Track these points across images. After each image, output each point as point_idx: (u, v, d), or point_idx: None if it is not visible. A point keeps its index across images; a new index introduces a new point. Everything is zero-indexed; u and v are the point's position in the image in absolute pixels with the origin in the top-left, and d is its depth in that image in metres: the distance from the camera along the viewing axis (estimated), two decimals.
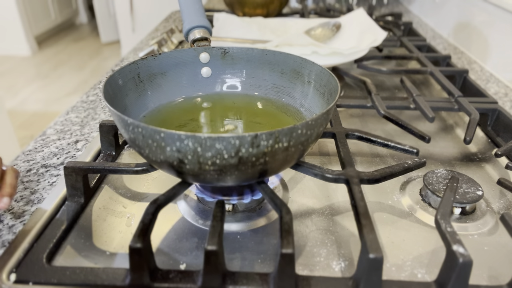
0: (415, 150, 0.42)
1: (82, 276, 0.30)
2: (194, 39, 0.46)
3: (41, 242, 0.34)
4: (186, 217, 0.38)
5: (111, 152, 0.47)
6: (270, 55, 0.45)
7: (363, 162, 0.48)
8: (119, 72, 0.39)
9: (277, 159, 0.30)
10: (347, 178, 0.36)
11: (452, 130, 0.56)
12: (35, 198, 0.40)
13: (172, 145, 0.28)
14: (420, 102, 0.53)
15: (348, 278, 0.30)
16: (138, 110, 0.41)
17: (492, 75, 0.74)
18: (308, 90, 0.42)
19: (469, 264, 0.27)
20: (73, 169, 0.37)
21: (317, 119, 0.31)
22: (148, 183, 0.43)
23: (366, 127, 0.56)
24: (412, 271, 0.33)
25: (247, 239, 0.35)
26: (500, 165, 0.48)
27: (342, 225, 0.37)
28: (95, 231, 0.36)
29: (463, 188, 0.39)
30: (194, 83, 0.46)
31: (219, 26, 0.78)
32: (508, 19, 0.73)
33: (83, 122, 0.55)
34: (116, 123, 0.32)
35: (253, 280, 0.30)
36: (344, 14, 0.91)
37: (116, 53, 3.33)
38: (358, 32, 0.74)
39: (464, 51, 0.87)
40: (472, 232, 0.37)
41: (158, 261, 0.32)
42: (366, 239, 0.29)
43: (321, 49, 0.65)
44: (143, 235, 0.29)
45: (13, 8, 3.01)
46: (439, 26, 1.04)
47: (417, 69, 0.68)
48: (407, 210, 0.40)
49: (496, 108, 0.54)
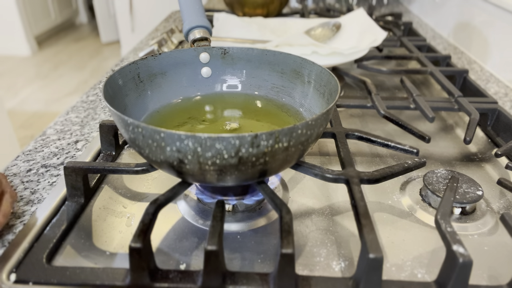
0: (415, 150, 0.42)
1: (82, 276, 0.30)
2: (194, 39, 0.46)
3: (41, 242, 0.34)
4: (186, 217, 0.38)
5: (111, 152, 0.47)
6: (270, 55, 0.45)
7: (363, 162, 0.48)
8: (119, 72, 0.39)
9: (277, 159, 0.30)
10: (347, 178, 0.36)
11: (452, 130, 0.56)
12: (35, 198, 0.40)
13: (172, 145, 0.28)
14: (420, 102, 0.53)
15: (348, 278, 0.30)
16: (138, 110, 0.41)
17: (492, 75, 0.74)
18: (308, 90, 0.42)
19: (469, 264, 0.27)
20: (73, 169, 0.37)
21: (317, 119, 0.31)
22: (148, 183, 0.43)
23: (366, 127, 0.56)
24: (412, 271, 0.33)
25: (247, 239, 0.35)
26: (500, 165, 0.48)
27: (342, 225, 0.37)
28: (95, 231, 0.36)
29: (463, 188, 0.39)
30: (194, 83, 0.46)
31: (219, 26, 0.78)
32: (508, 19, 0.73)
33: (83, 122, 0.55)
34: (116, 123, 0.32)
35: (253, 280, 0.30)
36: (344, 14, 0.91)
37: (116, 53, 3.33)
38: (358, 32, 0.74)
39: (464, 51, 0.87)
40: (472, 232, 0.37)
41: (158, 261, 0.32)
42: (366, 239, 0.29)
43: (321, 49, 0.65)
44: (143, 235, 0.29)
45: (13, 8, 3.01)
46: (439, 26, 1.04)
47: (417, 69, 0.68)
48: (407, 210, 0.40)
49: (496, 108, 0.54)
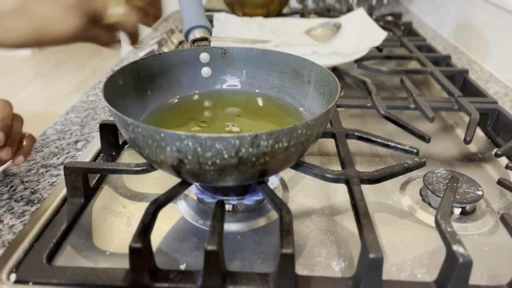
0: (415, 150, 0.42)
1: (82, 276, 0.30)
2: (194, 39, 0.46)
3: (41, 242, 0.34)
4: (186, 217, 0.38)
5: (111, 152, 0.47)
6: (270, 55, 0.45)
7: (363, 162, 0.48)
8: (119, 72, 0.39)
9: (277, 159, 0.30)
10: (347, 178, 0.36)
11: (452, 130, 0.56)
12: (35, 198, 0.40)
13: (172, 145, 0.28)
14: (420, 102, 0.53)
15: (348, 278, 0.30)
16: (138, 110, 0.41)
17: (492, 75, 0.74)
18: (308, 90, 0.42)
19: (469, 264, 0.27)
20: (73, 169, 0.37)
21: (317, 119, 0.31)
22: (148, 183, 0.43)
23: (366, 127, 0.56)
24: (412, 271, 0.33)
25: (247, 239, 0.35)
26: (500, 165, 0.48)
27: (342, 225, 0.37)
28: (95, 231, 0.36)
29: (463, 188, 0.39)
30: (194, 83, 0.46)
31: (219, 26, 0.78)
32: (508, 19, 0.73)
33: (83, 122, 0.55)
34: (116, 123, 0.32)
35: (253, 280, 0.30)
36: (344, 14, 0.91)
37: (116, 53, 3.33)
38: (358, 32, 0.74)
39: (464, 51, 0.87)
40: (472, 232, 0.37)
41: (158, 261, 0.32)
42: (366, 239, 0.29)
43: (321, 49, 0.65)
44: (143, 235, 0.29)
45: None
46: (439, 26, 1.04)
47: (417, 69, 0.68)
48: (407, 210, 0.40)
49: (496, 108, 0.54)
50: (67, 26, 0.32)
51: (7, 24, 0.31)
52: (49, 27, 0.31)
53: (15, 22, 0.31)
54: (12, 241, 0.34)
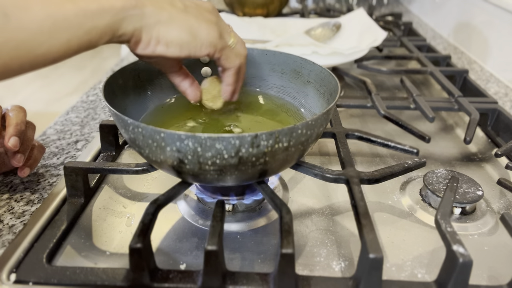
0: (415, 150, 0.42)
1: (82, 276, 0.30)
2: None
3: (41, 242, 0.34)
4: (186, 217, 0.38)
5: (111, 152, 0.47)
6: (270, 55, 0.45)
7: (363, 162, 0.48)
8: (119, 72, 0.39)
9: (277, 159, 0.30)
10: (347, 178, 0.36)
11: (452, 130, 0.56)
12: (35, 198, 0.40)
13: (172, 145, 0.28)
14: (420, 102, 0.53)
15: (348, 278, 0.30)
16: (138, 110, 0.41)
17: (492, 75, 0.74)
18: (308, 90, 0.42)
19: (469, 264, 0.27)
20: (73, 169, 0.37)
21: (317, 119, 0.31)
22: (148, 183, 0.43)
23: (366, 127, 0.56)
24: (412, 271, 0.33)
25: (247, 239, 0.35)
26: (500, 165, 0.48)
27: (342, 225, 0.37)
28: (95, 231, 0.36)
29: (463, 188, 0.39)
30: None
31: None
32: (508, 19, 0.73)
33: (83, 122, 0.55)
34: (116, 123, 0.32)
35: (253, 280, 0.30)
36: (344, 14, 0.91)
37: (116, 53, 3.33)
38: (358, 32, 0.74)
39: (464, 51, 0.87)
40: (472, 232, 0.37)
41: (158, 261, 0.32)
42: (366, 239, 0.29)
43: (321, 49, 0.65)
44: (143, 235, 0.29)
45: None
46: (439, 26, 1.04)
47: (417, 69, 0.68)
48: (407, 210, 0.40)
49: (496, 108, 0.54)
50: None
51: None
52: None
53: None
54: (12, 241, 0.34)
